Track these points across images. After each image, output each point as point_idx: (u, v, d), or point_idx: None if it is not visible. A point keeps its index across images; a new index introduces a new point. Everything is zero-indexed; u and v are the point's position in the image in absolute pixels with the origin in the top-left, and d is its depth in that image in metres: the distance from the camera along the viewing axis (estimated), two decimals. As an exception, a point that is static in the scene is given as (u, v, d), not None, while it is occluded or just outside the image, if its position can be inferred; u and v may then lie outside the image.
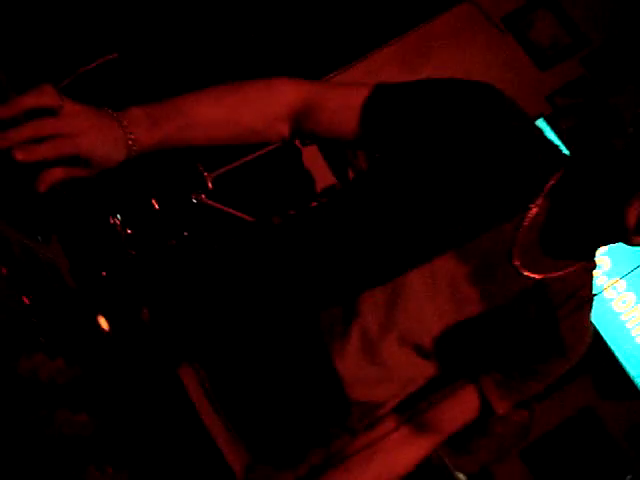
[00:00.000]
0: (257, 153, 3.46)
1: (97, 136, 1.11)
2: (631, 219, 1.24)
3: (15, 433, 1.13)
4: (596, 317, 3.91)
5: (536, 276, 1.38)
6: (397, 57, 4.90)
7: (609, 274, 4.30)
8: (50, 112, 1.08)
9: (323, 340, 1.36)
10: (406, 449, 1.50)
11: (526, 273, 1.38)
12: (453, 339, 1.34)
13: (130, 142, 1.16)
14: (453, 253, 1.33)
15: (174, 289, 1.45)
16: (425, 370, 1.42)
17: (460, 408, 1.47)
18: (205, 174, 3.14)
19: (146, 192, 3.18)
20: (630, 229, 1.26)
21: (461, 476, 2.91)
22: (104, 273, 2.61)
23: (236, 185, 3.36)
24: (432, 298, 1.33)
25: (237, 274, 1.42)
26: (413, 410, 1.49)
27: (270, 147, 3.37)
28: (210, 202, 3.10)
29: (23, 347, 1.14)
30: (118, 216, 2.90)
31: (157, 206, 3.06)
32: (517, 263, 1.37)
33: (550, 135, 4.75)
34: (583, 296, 1.44)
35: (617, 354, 4.55)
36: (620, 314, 4.59)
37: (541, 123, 4.78)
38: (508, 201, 1.35)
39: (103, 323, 1.21)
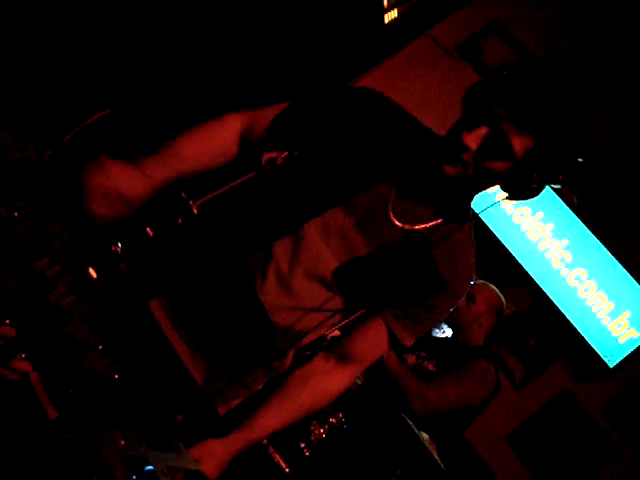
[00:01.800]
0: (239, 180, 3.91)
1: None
2: (449, 170, 1.68)
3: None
4: (566, 307, 4.39)
5: (406, 227, 1.83)
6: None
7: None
8: None
9: (249, 278, 1.86)
10: (333, 376, 1.93)
11: (399, 224, 1.83)
12: (348, 274, 1.81)
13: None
14: (340, 208, 1.81)
15: (141, 248, 1.95)
16: (332, 302, 1.87)
17: (373, 340, 1.89)
18: (190, 202, 3.57)
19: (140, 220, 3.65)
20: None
21: (424, 435, 3.23)
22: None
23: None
24: (327, 242, 1.81)
25: (187, 235, 1.93)
26: (336, 345, 1.96)
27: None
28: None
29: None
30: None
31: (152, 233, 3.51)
32: (391, 215, 1.83)
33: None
34: (457, 240, 1.86)
35: (586, 338, 4.94)
36: (585, 300, 5.00)
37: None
38: (382, 167, 1.83)
39: (92, 273, 1.66)
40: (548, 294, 4.96)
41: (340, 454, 3.32)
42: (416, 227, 1.83)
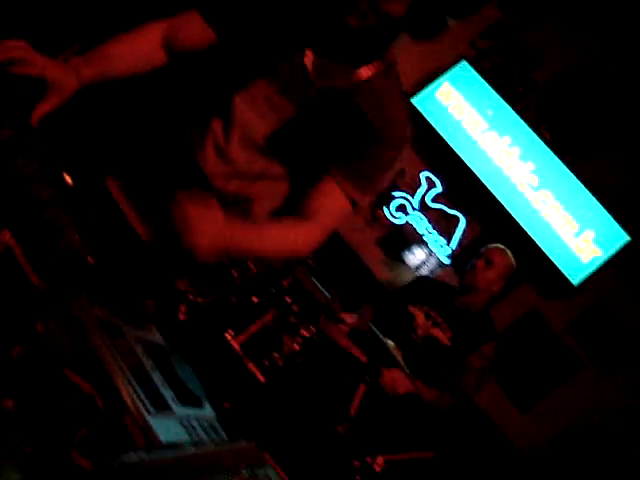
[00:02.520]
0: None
1: (56, 69, 1.70)
2: (352, 21, 1.77)
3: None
4: (531, 228, 4.55)
5: (327, 84, 1.91)
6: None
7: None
8: None
9: (190, 150, 2.02)
10: (297, 228, 1.98)
11: (320, 82, 1.91)
12: (280, 137, 1.93)
13: (76, 74, 1.76)
14: (263, 79, 1.93)
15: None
16: (273, 168, 1.99)
17: (326, 197, 1.95)
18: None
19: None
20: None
21: (389, 342, 3.37)
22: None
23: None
24: (255, 111, 1.93)
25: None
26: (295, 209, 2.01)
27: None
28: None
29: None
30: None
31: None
32: (311, 75, 1.91)
33: (474, 74, 5.37)
34: (383, 91, 1.93)
35: (551, 257, 5.13)
36: (550, 222, 5.19)
37: (463, 65, 5.40)
38: (295, 34, 1.93)
39: (67, 179, 1.79)
40: (514, 216, 5.12)
41: (313, 364, 3.50)
42: (337, 84, 1.92)
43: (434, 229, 5.36)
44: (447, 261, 5.30)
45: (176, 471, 1.14)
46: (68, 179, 1.81)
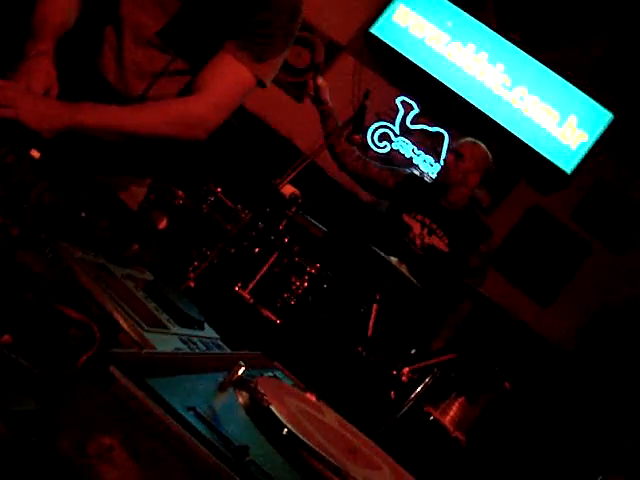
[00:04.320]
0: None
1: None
2: None
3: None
4: (515, 127, 4.59)
5: None
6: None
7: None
8: None
9: (93, 62, 1.99)
10: (186, 102, 1.93)
11: None
12: (172, 29, 1.92)
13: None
14: None
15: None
16: (175, 63, 1.97)
17: (220, 70, 1.91)
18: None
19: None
20: None
21: (392, 258, 3.42)
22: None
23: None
24: (141, 8, 1.93)
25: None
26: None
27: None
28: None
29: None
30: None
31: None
32: None
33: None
34: None
35: (541, 152, 5.16)
36: (531, 117, 5.20)
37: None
38: None
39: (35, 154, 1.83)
40: (495, 119, 5.15)
41: (324, 298, 3.57)
42: None
43: (420, 150, 5.40)
44: (439, 178, 5.32)
45: (175, 364, 1.19)
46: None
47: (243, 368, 1.27)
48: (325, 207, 4.26)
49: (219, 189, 3.77)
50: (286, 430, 1.12)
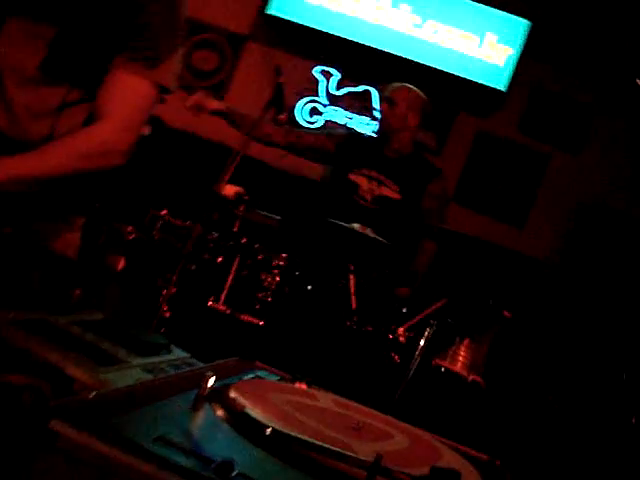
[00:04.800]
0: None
1: None
2: None
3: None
4: (438, 62, 4.51)
5: None
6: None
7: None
8: None
9: None
10: (97, 129, 1.80)
11: None
12: (52, 60, 1.78)
13: None
14: (11, 17, 1.80)
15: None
16: (71, 94, 1.83)
17: (117, 88, 1.80)
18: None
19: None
20: None
21: (355, 225, 3.32)
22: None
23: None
24: (15, 47, 1.79)
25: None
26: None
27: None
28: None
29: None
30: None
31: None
32: None
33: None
34: None
35: (470, 78, 5.08)
36: (450, 47, 5.12)
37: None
38: None
39: None
40: (416, 60, 5.06)
41: (300, 285, 3.46)
42: None
43: (353, 113, 5.30)
44: (380, 134, 5.23)
45: (136, 397, 1.08)
46: None
47: (213, 378, 1.16)
48: (274, 196, 4.15)
49: (164, 211, 3.65)
50: (269, 430, 1.01)
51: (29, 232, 1.91)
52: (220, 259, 3.52)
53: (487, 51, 5.07)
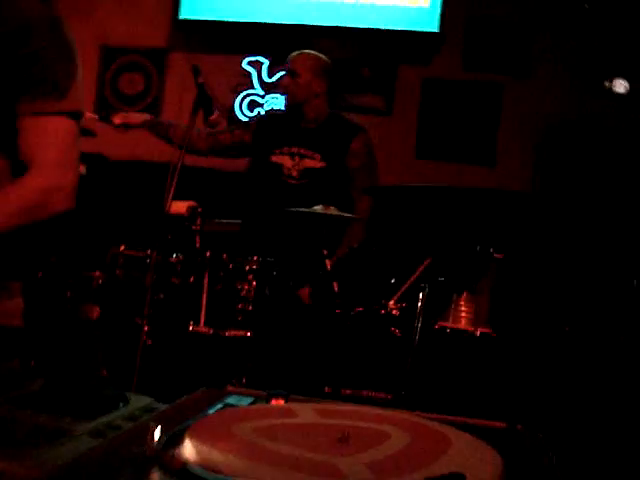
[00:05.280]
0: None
1: None
2: None
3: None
4: (367, 22, 4.31)
5: None
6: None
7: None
8: None
9: None
10: (31, 178, 1.66)
11: None
12: None
13: None
14: None
15: None
16: None
17: (36, 131, 1.66)
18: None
19: None
20: None
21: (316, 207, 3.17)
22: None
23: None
24: None
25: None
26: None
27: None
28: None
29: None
30: None
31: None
32: None
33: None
34: None
35: (401, 28, 4.89)
36: (372, 3, 4.92)
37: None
38: None
39: None
40: (345, 25, 4.90)
41: (277, 284, 3.28)
42: None
43: (291, 95, 5.09)
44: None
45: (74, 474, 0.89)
46: None
47: (158, 430, 0.96)
48: (227, 200, 3.96)
49: (122, 247, 3.46)
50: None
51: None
52: (191, 280, 3.33)
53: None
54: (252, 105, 5.16)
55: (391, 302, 2.88)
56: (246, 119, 5.15)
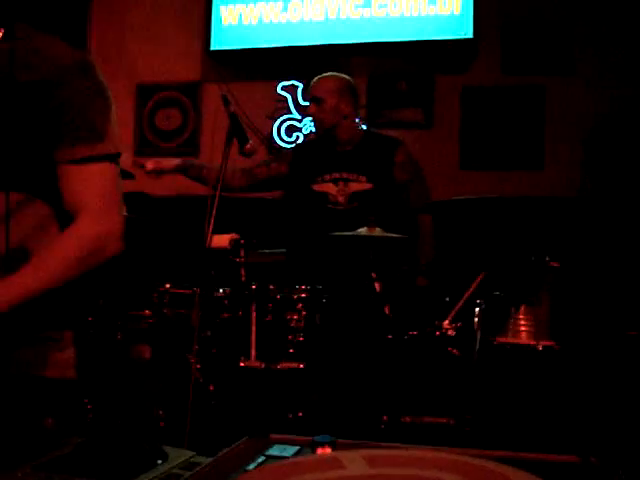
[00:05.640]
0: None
1: None
2: None
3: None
4: (397, 34, 4.22)
5: None
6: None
7: None
8: None
9: None
10: (82, 225, 1.65)
11: None
12: None
13: None
14: None
15: None
16: (9, 200, 1.62)
17: (80, 179, 1.65)
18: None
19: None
20: None
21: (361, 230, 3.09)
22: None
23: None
24: None
25: None
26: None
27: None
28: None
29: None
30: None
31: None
32: None
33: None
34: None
35: (435, 38, 4.78)
36: (403, 15, 4.83)
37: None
38: None
39: None
40: (377, 40, 4.82)
41: (330, 312, 3.19)
42: None
43: (330, 116, 5.02)
44: (364, 128, 4.95)
45: None
46: None
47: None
48: (270, 230, 3.88)
49: (167, 285, 3.40)
50: None
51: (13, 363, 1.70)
52: (240, 313, 3.25)
53: (440, 4, 4.76)
54: (290, 130, 5.10)
55: (446, 322, 2.76)
56: (286, 145, 5.09)
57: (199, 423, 2.88)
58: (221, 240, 3.18)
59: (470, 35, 4.66)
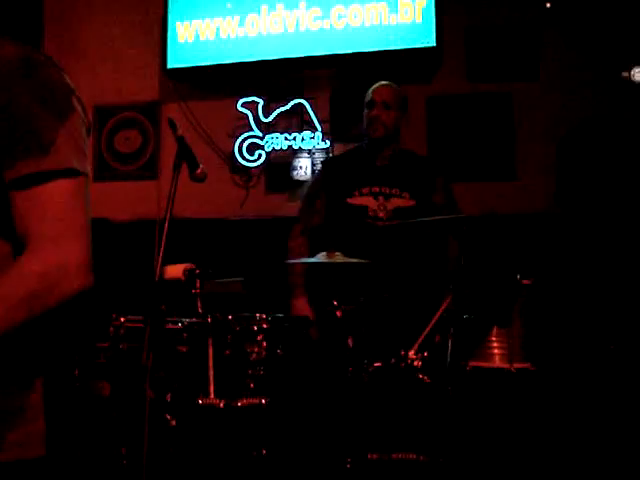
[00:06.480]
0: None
1: None
2: None
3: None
4: (365, 45, 4.05)
5: None
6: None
7: None
8: None
9: None
10: (34, 258, 1.36)
11: None
12: None
13: None
14: None
15: None
16: None
17: (28, 199, 1.36)
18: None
19: None
20: None
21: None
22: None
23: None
24: None
25: None
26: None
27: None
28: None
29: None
30: None
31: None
32: None
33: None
34: None
35: (399, 47, 4.63)
36: (370, 25, 4.69)
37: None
38: None
39: None
40: (336, 53, 4.65)
41: (290, 342, 3.03)
42: None
43: (293, 132, 4.87)
44: (328, 143, 4.81)
45: None
46: None
47: None
48: (229, 255, 3.71)
49: (122, 319, 3.23)
50: None
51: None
52: (196, 347, 3.08)
53: (402, 13, 4.64)
54: (252, 148, 4.93)
55: (411, 352, 2.60)
56: (247, 164, 4.92)
57: (159, 462, 2.72)
58: (174, 271, 3.01)
59: (433, 43, 4.53)
